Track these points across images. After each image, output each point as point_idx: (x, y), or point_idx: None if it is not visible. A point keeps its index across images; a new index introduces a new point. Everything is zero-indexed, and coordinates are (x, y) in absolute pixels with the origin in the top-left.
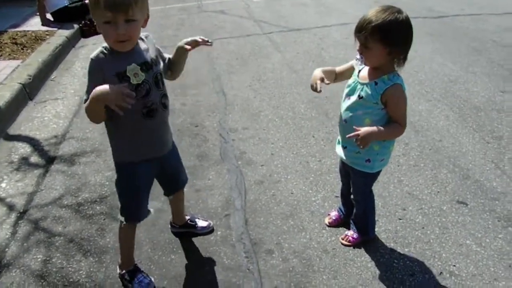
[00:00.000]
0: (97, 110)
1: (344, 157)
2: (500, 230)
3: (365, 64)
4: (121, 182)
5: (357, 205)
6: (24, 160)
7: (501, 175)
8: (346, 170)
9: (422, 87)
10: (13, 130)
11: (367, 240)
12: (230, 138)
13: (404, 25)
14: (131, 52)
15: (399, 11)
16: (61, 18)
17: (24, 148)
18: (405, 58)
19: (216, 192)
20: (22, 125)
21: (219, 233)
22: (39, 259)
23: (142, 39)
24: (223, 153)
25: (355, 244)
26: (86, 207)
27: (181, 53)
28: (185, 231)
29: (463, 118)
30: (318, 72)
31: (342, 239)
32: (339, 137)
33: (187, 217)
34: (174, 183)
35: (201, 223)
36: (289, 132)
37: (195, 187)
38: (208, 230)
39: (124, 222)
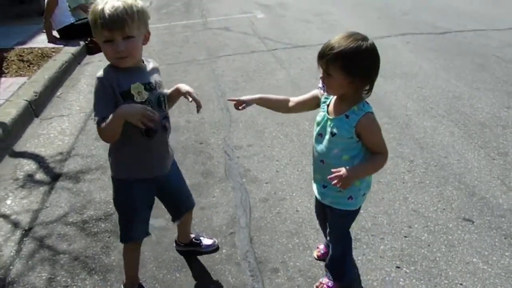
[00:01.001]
0: (118, 127)
1: (321, 197)
2: (507, 247)
3: (327, 93)
4: (117, 199)
5: (334, 248)
6: (30, 177)
7: (507, 192)
8: (323, 211)
9: (426, 103)
10: (19, 146)
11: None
12: (235, 156)
13: (367, 53)
14: (136, 71)
15: (364, 39)
16: (67, 35)
17: (29, 165)
18: (371, 88)
19: (221, 210)
20: (27, 141)
21: (224, 251)
22: (44, 277)
23: (149, 62)
24: (228, 170)
25: None
26: (91, 225)
27: (178, 95)
28: (190, 250)
29: (468, 135)
30: (256, 96)
31: (317, 286)
32: (315, 175)
33: (192, 236)
34: (178, 207)
35: (206, 241)
36: (294, 149)
37: (200, 204)
38: (213, 248)
39: (121, 242)
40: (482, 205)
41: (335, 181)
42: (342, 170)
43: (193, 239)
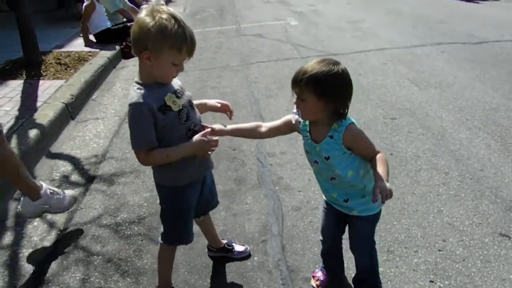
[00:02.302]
0: (177, 159)
1: (348, 211)
2: None
3: (302, 118)
4: (169, 205)
5: (364, 261)
6: (65, 178)
7: None
8: (337, 226)
9: (462, 115)
10: (55, 148)
11: None
12: (268, 163)
13: (337, 77)
14: (163, 84)
15: (335, 63)
16: (104, 39)
17: (65, 167)
18: (343, 113)
19: (254, 217)
20: (64, 143)
21: (255, 258)
22: (78, 278)
23: None
24: (261, 177)
25: None
26: (124, 228)
27: (204, 109)
28: (222, 256)
29: (505, 147)
30: (228, 128)
31: None
32: (329, 196)
33: (224, 241)
34: (206, 204)
35: (238, 247)
36: None
37: (232, 211)
38: (245, 255)
39: (168, 245)
40: None
41: (384, 195)
42: (377, 188)
43: (226, 245)
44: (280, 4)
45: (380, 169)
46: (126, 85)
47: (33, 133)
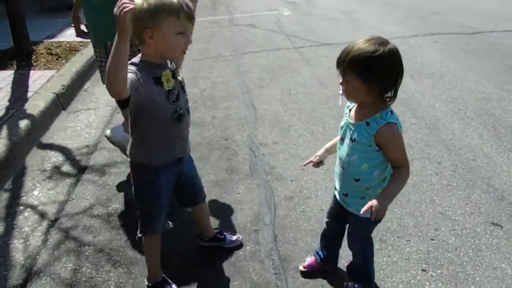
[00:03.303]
0: (123, 51)
1: (345, 205)
2: None
3: (348, 100)
4: (140, 187)
5: (357, 255)
6: (56, 169)
7: None
8: (342, 217)
9: (455, 105)
10: (46, 138)
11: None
12: (260, 153)
13: (383, 58)
14: (161, 63)
15: (383, 43)
16: None
17: (56, 157)
18: (394, 95)
19: (246, 207)
20: (55, 134)
21: (248, 248)
22: (69, 268)
23: None
24: (253, 167)
25: None
26: (116, 218)
27: None
28: (214, 245)
29: (497, 137)
30: (322, 151)
31: None
32: (336, 184)
33: (216, 231)
34: (193, 194)
35: (230, 237)
36: (319, 147)
37: (224, 201)
38: (237, 244)
39: (140, 236)
40: (511, 210)
41: (373, 214)
42: (373, 203)
43: (218, 234)
44: None
45: (394, 185)
46: None
47: (24, 123)
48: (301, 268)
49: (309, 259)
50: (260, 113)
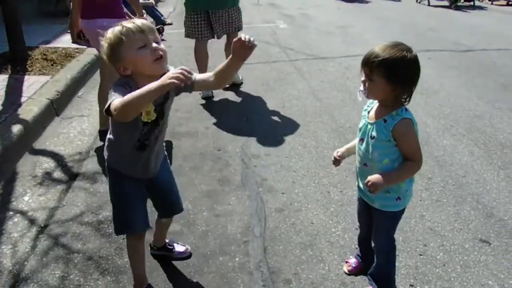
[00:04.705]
0: (147, 102)
1: (370, 201)
2: None
3: (367, 97)
4: (112, 187)
5: (380, 255)
6: (48, 175)
7: None
8: (369, 214)
9: (446, 121)
10: (38, 144)
11: None
12: (252, 164)
13: (410, 64)
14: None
15: (409, 50)
16: None
17: (48, 163)
18: (409, 97)
19: (236, 218)
20: (47, 140)
21: (237, 259)
22: (57, 275)
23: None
24: (245, 178)
25: None
26: (106, 226)
27: (230, 63)
28: (163, 254)
29: (488, 155)
30: (342, 150)
31: None
32: (359, 183)
33: (166, 241)
34: (166, 207)
35: (178, 247)
36: (311, 160)
37: (215, 211)
38: (185, 256)
39: (116, 234)
40: (499, 227)
41: (367, 184)
42: (374, 177)
43: (167, 244)
44: (270, 7)
45: (397, 171)
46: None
47: (16, 128)
48: (345, 269)
49: (353, 261)
50: (254, 124)
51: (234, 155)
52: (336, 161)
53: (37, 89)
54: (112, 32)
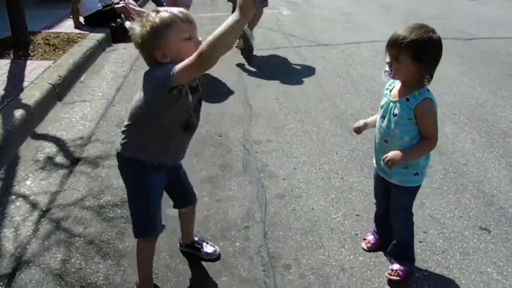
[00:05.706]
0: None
1: (388, 177)
2: None
3: (393, 78)
4: (133, 183)
5: (401, 231)
6: (50, 160)
7: None
8: (386, 191)
9: (449, 109)
10: (40, 129)
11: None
12: (254, 150)
13: (436, 45)
14: None
15: (433, 31)
16: (94, 22)
17: (50, 148)
18: (431, 77)
19: (237, 204)
20: (49, 124)
21: (237, 244)
22: (59, 259)
23: None
24: (246, 164)
25: (405, 278)
26: (107, 210)
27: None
28: (190, 252)
29: (490, 143)
30: (363, 121)
31: (390, 274)
32: (376, 159)
33: (195, 239)
34: (185, 195)
35: (207, 248)
36: (312, 147)
37: (216, 197)
38: (213, 257)
39: (137, 238)
40: (500, 215)
41: (384, 159)
42: (392, 153)
43: (195, 243)
44: None
45: (414, 149)
46: (115, 68)
47: (18, 113)
48: (364, 246)
49: (371, 237)
50: (256, 110)
51: (235, 141)
52: (358, 130)
53: (39, 74)
54: (158, 16)
